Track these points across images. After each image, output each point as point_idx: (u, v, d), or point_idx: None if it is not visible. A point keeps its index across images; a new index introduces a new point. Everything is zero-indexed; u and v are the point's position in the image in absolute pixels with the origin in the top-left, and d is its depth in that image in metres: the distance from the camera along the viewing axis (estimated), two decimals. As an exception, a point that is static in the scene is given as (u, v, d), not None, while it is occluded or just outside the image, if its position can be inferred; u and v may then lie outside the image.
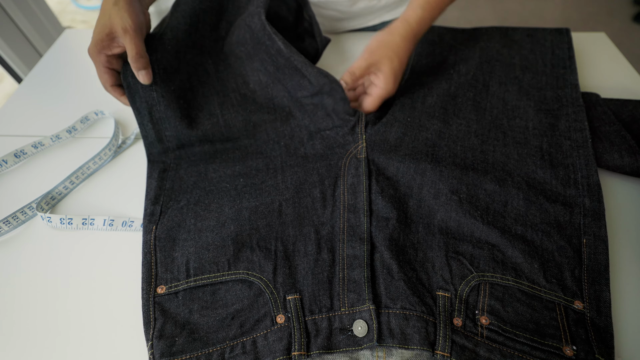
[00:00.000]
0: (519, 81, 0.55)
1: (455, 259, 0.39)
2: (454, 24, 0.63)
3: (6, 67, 1.10)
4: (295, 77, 0.50)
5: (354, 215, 0.42)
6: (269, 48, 0.50)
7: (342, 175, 0.46)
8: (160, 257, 0.40)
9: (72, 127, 0.54)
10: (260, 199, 0.44)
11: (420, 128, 0.49)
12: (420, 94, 0.53)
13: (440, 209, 0.42)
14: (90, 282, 0.40)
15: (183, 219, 0.43)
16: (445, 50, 0.60)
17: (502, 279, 0.37)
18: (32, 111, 0.58)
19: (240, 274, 0.38)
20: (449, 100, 0.52)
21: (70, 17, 2.06)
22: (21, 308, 0.39)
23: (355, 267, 0.38)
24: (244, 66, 0.53)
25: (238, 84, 0.53)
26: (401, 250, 0.39)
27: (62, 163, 0.50)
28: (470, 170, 0.45)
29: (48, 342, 0.36)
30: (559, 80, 0.55)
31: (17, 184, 0.49)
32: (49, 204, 0.46)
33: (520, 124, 0.50)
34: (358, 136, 0.48)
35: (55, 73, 0.64)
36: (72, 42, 0.70)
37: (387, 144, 0.48)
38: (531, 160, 0.46)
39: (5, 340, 0.37)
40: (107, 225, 0.44)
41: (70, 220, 0.44)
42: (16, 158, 0.50)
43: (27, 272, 0.41)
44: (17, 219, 0.44)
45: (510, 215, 0.42)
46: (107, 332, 0.37)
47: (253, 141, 0.50)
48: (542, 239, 0.40)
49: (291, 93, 0.51)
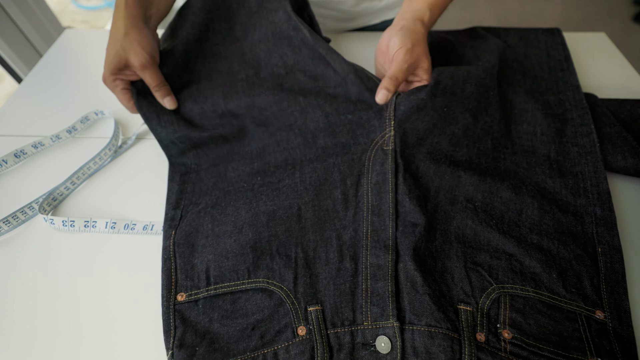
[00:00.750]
0: (522, 85, 0.54)
1: (474, 270, 0.38)
2: (454, 24, 0.63)
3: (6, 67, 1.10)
4: (319, 67, 0.49)
5: (378, 219, 0.40)
6: (292, 39, 0.50)
7: (366, 172, 0.43)
8: (180, 263, 0.39)
9: (72, 127, 0.54)
10: (278, 202, 0.42)
11: (452, 121, 0.46)
12: (461, 77, 0.47)
13: (457, 216, 0.41)
14: (91, 284, 0.40)
15: (201, 223, 0.42)
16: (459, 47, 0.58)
17: (522, 290, 0.36)
18: (32, 111, 0.58)
19: (260, 283, 0.37)
20: (483, 93, 0.48)
21: (70, 17, 2.06)
22: (21, 308, 0.39)
23: (379, 279, 0.37)
24: (259, 61, 0.52)
25: (249, 74, 0.52)
26: (423, 260, 0.38)
27: (62, 163, 0.50)
28: (488, 177, 0.44)
29: (48, 343, 0.36)
30: (558, 84, 0.54)
31: (17, 184, 0.49)
32: (50, 205, 0.46)
33: (528, 130, 0.49)
34: (386, 122, 0.45)
35: (55, 73, 0.64)
36: (72, 42, 0.70)
37: (415, 133, 0.45)
38: (540, 169, 0.45)
39: (5, 340, 0.37)
40: (109, 227, 0.44)
41: (73, 223, 0.44)
42: (16, 158, 0.50)
43: (27, 273, 0.41)
44: (17, 219, 0.44)
45: (525, 225, 0.40)
46: (106, 333, 0.37)
47: (265, 129, 0.48)
48: (558, 248, 0.39)
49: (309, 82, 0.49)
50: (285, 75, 0.51)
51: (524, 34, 0.61)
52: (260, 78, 0.51)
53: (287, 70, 0.51)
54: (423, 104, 0.45)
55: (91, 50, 0.68)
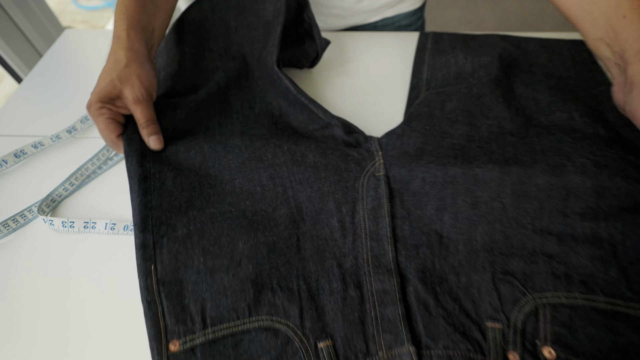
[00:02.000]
0: (545, 83, 0.49)
1: (504, 281, 0.33)
2: (454, 24, 0.63)
3: (6, 67, 1.10)
4: (305, 111, 0.49)
5: (377, 244, 0.38)
6: (279, 86, 0.50)
7: (360, 198, 0.41)
8: (167, 305, 0.34)
9: (72, 127, 0.54)
10: (277, 233, 0.39)
11: (443, 135, 0.43)
12: (438, 100, 0.47)
13: (482, 220, 0.37)
14: (90, 284, 0.40)
15: (189, 257, 0.37)
16: (461, 60, 0.55)
17: (567, 297, 0.31)
18: (32, 111, 0.58)
19: (263, 321, 0.34)
20: (472, 102, 0.46)
21: (70, 17, 2.06)
22: (21, 309, 0.39)
23: (388, 304, 0.35)
24: (254, 95, 0.52)
25: (244, 106, 0.51)
26: (438, 280, 0.35)
27: (62, 163, 0.50)
28: (513, 165, 0.37)
29: (48, 344, 0.36)
30: (589, 83, 0.49)
31: (17, 184, 0.49)
32: (49, 206, 0.46)
33: (563, 117, 0.42)
34: (374, 153, 0.44)
35: (55, 73, 0.64)
36: (72, 42, 0.70)
37: (407, 155, 0.43)
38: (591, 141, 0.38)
39: (5, 340, 0.37)
40: (109, 229, 0.44)
41: (72, 224, 0.44)
42: (16, 158, 0.50)
43: (26, 273, 0.41)
44: (16, 222, 0.44)
45: (575, 211, 0.34)
46: (106, 334, 0.37)
47: (249, 142, 0.44)
48: (623, 232, 0.32)
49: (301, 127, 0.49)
50: (279, 117, 0.51)
51: (545, 42, 0.58)
52: (255, 113, 0.51)
53: (280, 113, 0.51)
54: (400, 131, 0.45)
55: (91, 50, 0.68)
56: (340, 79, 0.61)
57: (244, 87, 0.53)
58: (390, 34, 0.69)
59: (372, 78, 0.61)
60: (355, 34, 0.71)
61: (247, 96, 0.52)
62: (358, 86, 0.60)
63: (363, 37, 0.69)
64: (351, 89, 0.59)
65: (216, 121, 0.49)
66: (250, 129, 0.47)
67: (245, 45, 0.55)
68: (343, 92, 0.59)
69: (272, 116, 0.50)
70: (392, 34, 0.69)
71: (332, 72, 0.62)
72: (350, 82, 0.60)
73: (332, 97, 0.59)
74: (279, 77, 0.49)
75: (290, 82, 0.48)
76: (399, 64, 0.62)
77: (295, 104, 0.50)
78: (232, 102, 0.51)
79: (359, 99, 0.57)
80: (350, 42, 0.68)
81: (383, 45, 0.66)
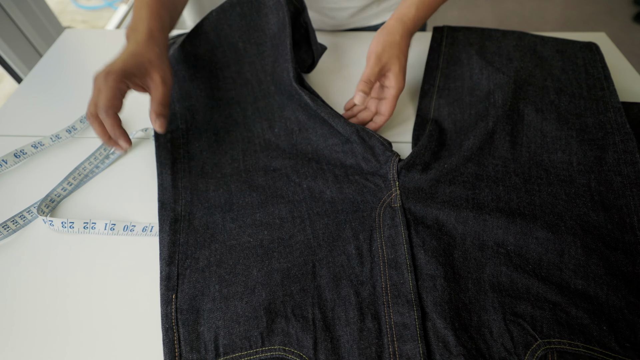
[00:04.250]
0: (556, 107, 0.50)
1: (515, 323, 0.34)
2: (454, 24, 0.63)
3: (6, 67, 1.10)
4: (325, 126, 0.50)
5: (396, 272, 0.37)
6: (298, 100, 0.51)
7: (377, 227, 0.41)
8: (183, 333, 0.35)
9: (72, 127, 0.54)
10: (292, 259, 0.39)
11: (455, 173, 0.45)
12: (458, 140, 0.49)
13: (489, 262, 0.38)
14: (90, 285, 0.40)
15: (206, 285, 0.38)
16: (476, 74, 0.55)
17: (570, 345, 0.32)
18: (32, 111, 0.58)
19: (276, 351, 0.34)
20: (486, 139, 0.47)
21: (70, 17, 2.06)
22: (21, 309, 0.39)
23: (407, 340, 0.34)
24: (272, 112, 0.53)
25: (264, 128, 0.52)
26: (455, 315, 0.35)
27: (62, 163, 0.50)
28: (518, 217, 0.40)
29: (47, 344, 0.36)
30: (599, 104, 0.50)
31: (17, 184, 0.49)
32: (48, 206, 0.46)
33: (563, 159, 0.45)
34: (390, 183, 0.44)
35: (55, 73, 0.64)
36: (72, 42, 0.70)
37: (422, 192, 0.44)
38: (581, 201, 0.42)
39: (5, 341, 0.37)
40: (109, 229, 0.44)
41: (72, 224, 0.44)
42: (16, 158, 0.50)
43: (26, 274, 0.41)
44: (16, 224, 0.44)
45: (569, 267, 0.37)
46: (106, 334, 0.37)
47: (271, 182, 0.46)
48: (607, 294, 0.35)
49: (320, 141, 0.50)
50: (298, 132, 0.51)
51: (561, 46, 0.58)
52: (275, 133, 0.51)
53: (300, 127, 0.51)
54: (421, 167, 0.45)
55: (91, 50, 0.68)
56: (340, 79, 0.61)
57: (261, 108, 0.54)
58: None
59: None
60: (355, 34, 0.71)
61: (266, 115, 0.53)
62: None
63: (362, 37, 0.69)
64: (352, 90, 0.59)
65: (239, 149, 0.50)
66: (272, 160, 0.48)
67: (257, 64, 0.56)
68: (343, 91, 0.59)
69: (292, 133, 0.51)
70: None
71: (331, 74, 0.62)
72: (350, 83, 0.60)
73: (332, 96, 0.59)
74: (297, 93, 0.50)
75: (310, 97, 0.49)
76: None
77: (315, 117, 0.50)
78: (252, 127, 0.52)
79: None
80: (349, 42, 0.68)
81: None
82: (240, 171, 0.48)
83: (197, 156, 0.49)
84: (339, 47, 0.67)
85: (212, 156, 0.49)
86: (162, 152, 0.49)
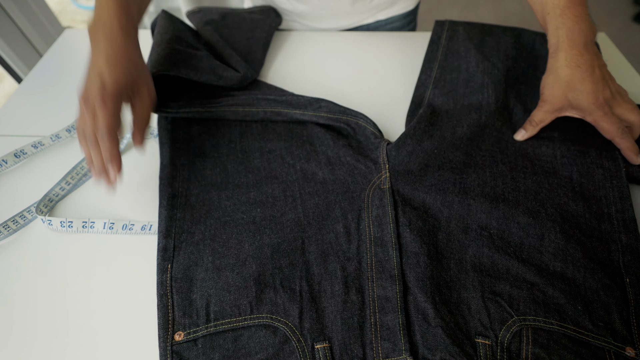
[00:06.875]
0: None
1: (493, 301, 0.36)
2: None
3: (6, 67, 1.10)
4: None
5: (381, 249, 0.39)
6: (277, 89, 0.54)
7: (365, 207, 0.43)
8: (177, 299, 0.37)
9: (71, 127, 0.54)
10: (282, 235, 0.41)
11: (444, 159, 0.46)
12: (450, 124, 0.50)
13: (471, 244, 0.39)
14: (89, 284, 0.40)
15: (200, 256, 0.40)
16: (472, 67, 0.55)
17: (545, 322, 0.34)
18: (32, 111, 0.58)
19: (264, 319, 0.36)
20: (477, 132, 0.49)
21: (70, 17, 2.06)
22: (20, 309, 0.39)
23: (388, 312, 0.35)
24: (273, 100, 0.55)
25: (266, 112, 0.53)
26: (436, 290, 0.36)
27: (62, 163, 0.50)
28: (501, 202, 0.42)
29: (47, 343, 0.36)
30: None
31: (17, 184, 0.49)
32: (47, 206, 0.46)
33: (547, 152, 0.47)
34: (381, 165, 0.45)
35: (55, 73, 0.64)
36: (72, 42, 0.70)
37: (411, 174, 0.45)
38: (562, 191, 0.43)
39: (5, 341, 0.37)
40: (108, 228, 0.44)
41: (71, 224, 0.44)
42: (16, 158, 0.50)
43: (25, 273, 0.41)
44: (16, 223, 0.44)
45: (548, 250, 0.38)
46: (105, 334, 0.37)
47: (267, 164, 0.48)
48: (584, 277, 0.36)
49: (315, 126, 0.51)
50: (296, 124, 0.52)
51: None
52: (273, 121, 0.53)
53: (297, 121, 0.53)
54: (411, 148, 0.46)
55: (91, 50, 0.68)
56: (340, 79, 0.61)
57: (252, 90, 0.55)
58: (387, 34, 0.69)
59: (371, 76, 0.61)
60: (353, 34, 0.71)
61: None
62: (357, 85, 0.60)
63: (361, 37, 0.69)
64: (350, 87, 0.59)
65: (237, 132, 0.51)
66: (267, 142, 0.50)
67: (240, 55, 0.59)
68: (343, 91, 0.59)
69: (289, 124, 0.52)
70: (389, 33, 0.69)
71: (326, 73, 0.62)
72: (349, 80, 0.60)
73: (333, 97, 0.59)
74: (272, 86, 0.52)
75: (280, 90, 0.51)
76: (397, 63, 0.63)
77: None
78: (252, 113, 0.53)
79: (357, 97, 0.57)
80: (348, 42, 0.68)
81: (380, 45, 0.66)
82: (237, 151, 0.50)
83: (196, 138, 0.51)
84: (340, 44, 0.67)
85: (210, 138, 0.51)
86: (162, 132, 0.50)
